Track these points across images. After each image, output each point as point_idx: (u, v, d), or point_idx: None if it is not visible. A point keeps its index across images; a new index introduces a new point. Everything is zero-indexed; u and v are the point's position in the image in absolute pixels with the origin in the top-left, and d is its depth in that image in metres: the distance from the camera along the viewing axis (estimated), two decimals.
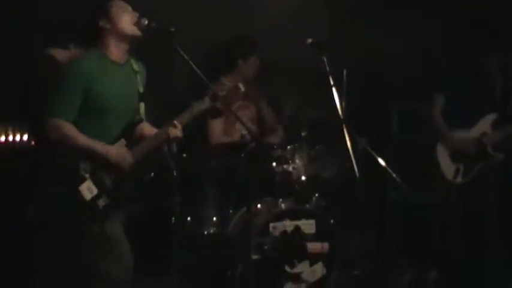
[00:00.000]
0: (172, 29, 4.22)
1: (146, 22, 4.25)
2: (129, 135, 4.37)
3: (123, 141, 4.30)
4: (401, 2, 6.54)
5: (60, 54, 4.97)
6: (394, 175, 4.73)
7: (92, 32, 4.28)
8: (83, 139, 4.16)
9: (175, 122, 4.33)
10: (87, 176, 4.17)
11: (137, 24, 4.25)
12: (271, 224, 5.25)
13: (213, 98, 4.40)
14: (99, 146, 4.19)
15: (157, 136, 4.40)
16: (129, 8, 4.31)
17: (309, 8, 6.54)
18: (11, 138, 5.32)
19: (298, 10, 6.49)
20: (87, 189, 4.16)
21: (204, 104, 4.41)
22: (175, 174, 5.51)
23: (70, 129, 4.15)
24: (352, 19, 6.71)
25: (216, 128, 5.92)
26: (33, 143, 5.20)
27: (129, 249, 4.30)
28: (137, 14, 4.28)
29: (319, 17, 6.64)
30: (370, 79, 6.49)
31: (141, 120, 4.46)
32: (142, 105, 4.44)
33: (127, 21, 4.25)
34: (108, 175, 4.23)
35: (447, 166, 5.63)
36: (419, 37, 6.45)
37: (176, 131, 4.32)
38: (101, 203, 4.19)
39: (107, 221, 4.20)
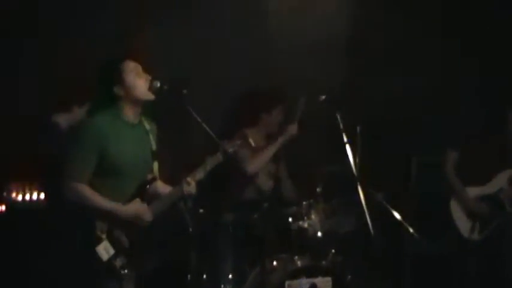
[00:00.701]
0: (185, 91, 4.26)
1: (158, 85, 4.28)
2: (144, 193, 4.37)
3: (137, 201, 4.32)
4: (418, 56, 6.56)
5: (64, 119, 5.09)
6: (410, 229, 4.71)
7: (106, 97, 4.31)
8: (100, 200, 4.18)
9: (189, 179, 4.36)
10: (103, 236, 4.18)
11: (150, 87, 4.28)
12: (287, 282, 5.19)
13: (226, 153, 4.42)
14: (117, 206, 4.21)
15: (171, 194, 4.44)
16: (141, 70, 4.34)
17: (325, 61, 6.55)
18: (28, 197, 5.36)
19: (315, 62, 6.52)
20: (104, 250, 4.17)
21: (217, 159, 4.44)
22: (190, 230, 5.49)
23: (87, 192, 4.17)
24: (370, 71, 6.71)
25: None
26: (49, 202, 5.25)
27: None
28: (149, 77, 4.32)
29: (337, 70, 6.65)
30: (390, 131, 6.48)
31: (155, 179, 4.47)
32: (156, 164, 4.47)
33: (141, 86, 4.28)
34: (125, 234, 4.25)
35: (462, 222, 5.58)
36: (438, 90, 6.45)
37: (190, 188, 4.35)
38: (118, 262, 4.20)
39: (123, 281, 4.20)
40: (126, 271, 4.21)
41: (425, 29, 6.59)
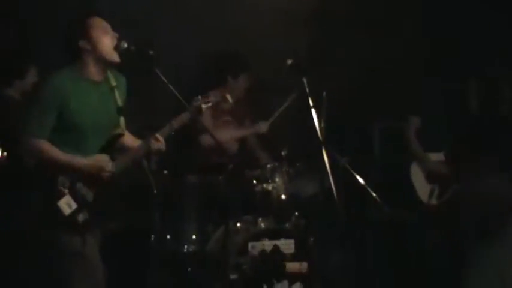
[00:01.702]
0: (151, 52, 4.22)
1: (126, 45, 4.24)
2: (110, 149, 4.35)
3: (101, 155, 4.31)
4: (382, 22, 6.58)
5: (15, 90, 5.14)
6: (373, 194, 4.76)
7: (70, 51, 4.26)
8: (59, 154, 4.17)
9: (157, 134, 4.34)
10: (66, 191, 4.17)
11: (116, 47, 4.24)
12: (250, 243, 5.26)
13: (195, 111, 4.42)
14: (77, 159, 4.20)
15: (139, 148, 4.41)
16: (109, 28, 4.29)
17: (290, 27, 6.56)
18: None
19: (280, 29, 6.51)
20: (66, 204, 4.16)
21: (185, 116, 4.41)
22: (155, 191, 5.51)
23: (47, 147, 4.16)
24: (333, 38, 6.73)
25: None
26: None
27: (102, 271, 4.28)
28: (117, 35, 4.27)
29: (301, 35, 6.66)
30: (353, 97, 6.51)
31: (122, 134, 4.44)
32: (122, 119, 4.43)
33: (107, 44, 4.23)
34: (89, 189, 4.24)
35: (422, 187, 5.65)
36: (400, 56, 6.48)
37: (158, 144, 4.33)
38: (81, 217, 4.19)
39: (85, 236, 4.18)
40: (88, 227, 4.19)
41: None
